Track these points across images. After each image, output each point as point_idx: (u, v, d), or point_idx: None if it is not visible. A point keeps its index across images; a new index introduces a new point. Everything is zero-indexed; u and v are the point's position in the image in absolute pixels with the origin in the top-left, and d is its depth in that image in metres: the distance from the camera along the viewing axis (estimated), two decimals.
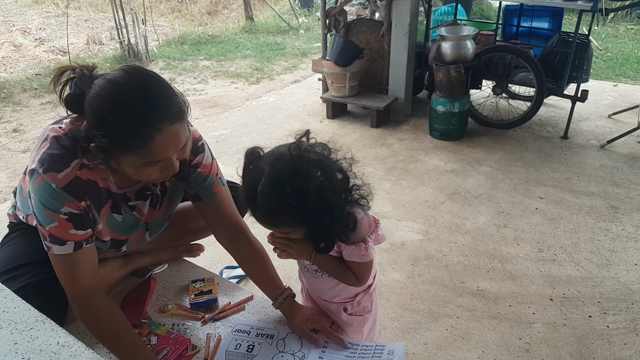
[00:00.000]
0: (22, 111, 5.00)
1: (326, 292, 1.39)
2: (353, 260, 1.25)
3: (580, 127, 4.29)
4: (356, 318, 1.42)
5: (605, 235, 2.77)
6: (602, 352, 1.98)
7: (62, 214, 1.19)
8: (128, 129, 1.08)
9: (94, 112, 1.10)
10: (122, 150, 1.12)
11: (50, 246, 1.23)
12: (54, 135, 1.20)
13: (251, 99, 5.34)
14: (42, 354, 0.90)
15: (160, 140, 1.10)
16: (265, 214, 1.10)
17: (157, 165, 1.17)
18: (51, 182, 1.16)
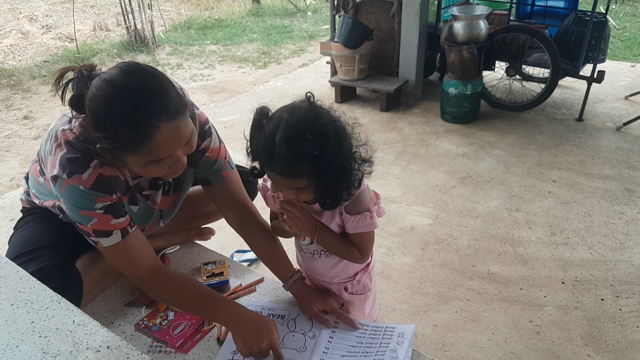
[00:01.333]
0: (31, 98, 5.03)
1: (325, 274, 1.39)
2: (358, 231, 1.24)
3: (596, 109, 4.23)
4: (357, 297, 1.43)
5: (619, 219, 2.74)
6: (614, 334, 1.97)
7: (98, 209, 1.21)
8: (125, 129, 1.07)
9: (92, 114, 1.10)
10: (124, 150, 1.12)
11: (97, 241, 1.24)
12: (67, 140, 1.20)
13: (258, 83, 5.32)
14: (58, 332, 0.92)
15: (160, 138, 1.09)
16: (284, 164, 1.07)
17: (162, 163, 1.16)
18: (78, 184, 1.17)
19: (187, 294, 1.30)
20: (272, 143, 1.05)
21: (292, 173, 1.09)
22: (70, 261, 1.41)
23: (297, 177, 1.09)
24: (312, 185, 1.13)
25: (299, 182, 1.11)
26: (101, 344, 0.89)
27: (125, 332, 1.34)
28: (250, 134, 1.15)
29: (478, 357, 1.88)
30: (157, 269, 1.31)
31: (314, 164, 1.07)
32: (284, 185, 1.15)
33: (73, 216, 1.22)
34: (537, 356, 1.88)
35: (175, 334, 1.32)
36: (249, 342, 1.21)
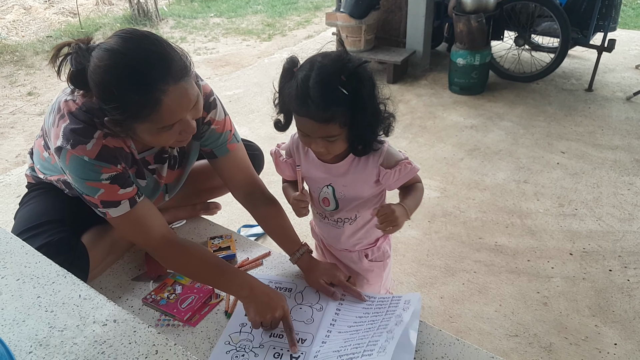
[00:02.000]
0: (35, 74, 5.00)
1: (348, 241, 1.38)
2: (403, 182, 1.24)
3: (606, 79, 4.15)
4: (377, 264, 1.43)
5: (628, 190, 2.71)
6: (622, 305, 1.96)
7: (104, 180, 1.19)
8: (134, 96, 1.05)
9: (97, 86, 1.07)
10: (135, 119, 1.10)
11: (105, 212, 1.23)
12: (69, 111, 1.18)
13: (263, 56, 5.25)
14: (64, 307, 0.92)
15: (168, 102, 1.07)
16: (318, 108, 1.04)
17: (173, 128, 1.14)
18: (82, 155, 1.16)
19: (201, 264, 1.29)
20: (306, 87, 1.04)
21: (326, 117, 1.06)
22: (76, 236, 1.41)
23: (331, 122, 1.07)
24: (343, 134, 1.11)
25: (331, 128, 1.08)
26: (108, 317, 0.89)
27: (133, 306, 1.35)
28: (280, 84, 1.14)
29: (485, 328, 1.88)
30: (170, 238, 1.30)
31: (348, 106, 1.06)
32: (316, 134, 1.11)
33: (79, 188, 1.21)
34: (544, 327, 1.88)
35: (183, 308, 1.33)
36: (262, 312, 1.21)
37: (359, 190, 1.27)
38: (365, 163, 1.23)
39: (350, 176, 1.25)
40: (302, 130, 1.14)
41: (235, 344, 1.21)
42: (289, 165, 1.36)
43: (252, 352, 1.19)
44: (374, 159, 1.22)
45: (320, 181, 1.30)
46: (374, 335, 1.12)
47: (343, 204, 1.30)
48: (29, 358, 0.81)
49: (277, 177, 1.43)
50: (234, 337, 1.23)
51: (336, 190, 1.29)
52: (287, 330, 1.22)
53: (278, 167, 1.40)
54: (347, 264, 1.46)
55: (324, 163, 1.26)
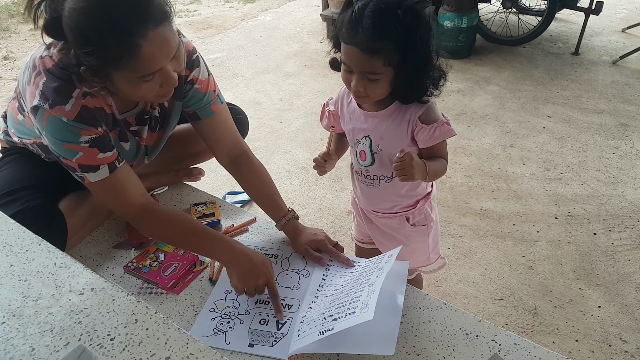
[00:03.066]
0: (10, 38, 4.81)
1: (385, 201, 1.35)
2: (437, 141, 1.19)
3: (592, 42, 4.11)
4: (420, 229, 1.39)
5: (613, 153, 2.71)
6: (606, 268, 1.98)
7: (83, 143, 1.14)
8: (111, 39, 0.99)
9: (73, 30, 1.01)
10: (112, 66, 1.04)
11: (83, 176, 1.18)
12: (45, 67, 1.12)
13: (247, 18, 5.11)
14: (39, 275, 0.88)
15: (148, 47, 1.01)
16: (367, 36, 1.02)
17: (153, 79, 1.08)
18: (61, 116, 1.10)
19: (181, 230, 1.26)
20: (360, 15, 1.02)
21: (373, 48, 1.03)
22: (53, 202, 1.35)
23: (376, 55, 1.04)
24: (386, 75, 1.08)
25: (375, 63, 1.05)
26: (85, 286, 0.85)
27: (115, 275, 1.31)
28: (339, 16, 1.10)
29: (470, 292, 1.89)
30: (148, 205, 1.26)
31: (398, 45, 1.03)
32: (359, 67, 1.08)
33: (56, 150, 1.16)
34: (529, 290, 1.89)
35: (166, 275, 1.30)
36: (245, 277, 1.18)
37: (395, 145, 1.22)
38: (404, 115, 1.20)
39: (388, 127, 1.22)
40: (346, 62, 1.10)
41: (220, 311, 1.19)
42: (333, 117, 1.35)
43: (237, 319, 1.17)
44: (414, 111, 1.18)
45: (359, 132, 1.27)
46: (357, 291, 1.10)
47: (379, 159, 1.27)
48: (2, 329, 0.77)
49: (263, 144, 1.40)
50: (219, 304, 1.21)
51: (373, 143, 1.25)
52: (272, 296, 1.19)
53: (322, 118, 1.39)
54: (389, 232, 1.42)
55: (364, 112, 1.24)
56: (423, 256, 1.46)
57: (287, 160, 2.73)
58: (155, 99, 1.18)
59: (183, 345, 0.76)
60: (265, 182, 1.44)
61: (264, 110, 3.31)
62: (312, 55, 4.09)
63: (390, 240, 1.43)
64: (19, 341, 0.76)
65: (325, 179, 2.55)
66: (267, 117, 3.21)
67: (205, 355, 0.74)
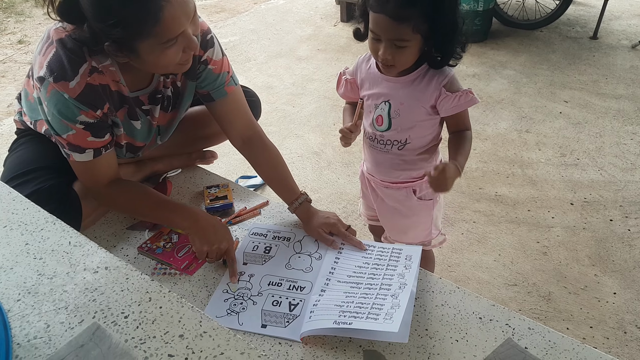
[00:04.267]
0: (25, 22, 4.83)
1: (394, 170, 1.37)
2: (461, 109, 1.22)
3: (611, 26, 4.02)
4: (426, 202, 1.42)
5: (631, 139, 2.66)
6: (622, 254, 1.96)
7: (79, 123, 1.16)
8: (134, 5, 0.99)
9: (94, 4, 1.00)
10: (138, 34, 1.04)
11: (69, 154, 1.22)
12: (59, 38, 1.12)
13: (260, 2, 5.06)
14: (54, 254, 0.88)
15: (170, 9, 1.01)
16: (397, 3, 1.06)
17: (177, 44, 1.08)
18: (63, 92, 1.11)
19: (141, 201, 1.32)
20: None
21: (402, 15, 1.06)
22: (68, 183, 1.36)
23: (406, 22, 1.07)
24: (415, 42, 1.11)
25: (405, 30, 1.08)
26: (99, 264, 0.86)
27: (129, 255, 1.32)
28: None
29: (484, 277, 1.88)
30: (114, 180, 1.32)
31: (427, 10, 1.06)
32: (388, 34, 1.11)
33: (53, 122, 1.18)
34: (543, 276, 1.88)
35: (179, 256, 1.30)
36: (210, 239, 1.24)
37: (414, 111, 1.26)
38: (428, 82, 1.22)
39: (410, 93, 1.24)
40: (375, 30, 1.13)
41: (233, 292, 1.19)
42: (350, 85, 1.38)
43: (250, 300, 1.17)
44: (438, 80, 1.21)
45: (378, 97, 1.29)
46: (377, 296, 1.09)
47: (396, 124, 1.29)
48: (17, 306, 0.78)
49: (275, 128, 1.38)
50: (232, 285, 1.21)
51: (392, 108, 1.27)
52: (230, 260, 1.25)
53: (339, 86, 1.42)
54: (394, 206, 1.44)
55: (385, 78, 1.26)
56: (425, 231, 1.48)
57: (299, 144, 2.72)
58: (177, 67, 1.18)
59: (196, 324, 0.76)
60: (278, 164, 1.44)
61: (276, 95, 3.29)
62: (326, 39, 4.05)
63: (394, 215, 1.46)
64: (34, 318, 0.77)
65: (337, 164, 2.54)
66: (279, 102, 3.20)
67: (218, 334, 0.74)
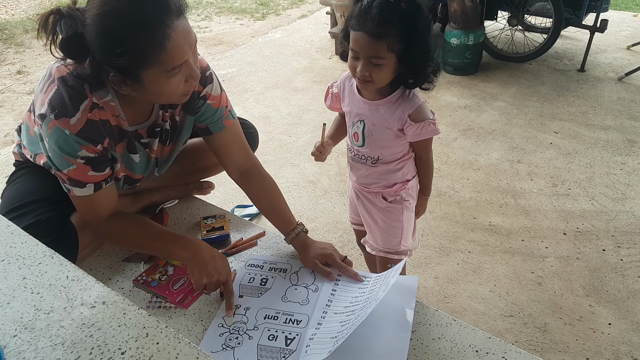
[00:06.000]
0: (25, 52, 4.89)
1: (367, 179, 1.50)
2: (422, 138, 1.35)
3: (598, 59, 4.13)
4: (395, 206, 1.51)
5: (621, 169, 2.70)
6: (616, 284, 1.97)
7: (80, 158, 1.18)
8: (142, 34, 1.02)
9: (101, 35, 1.03)
10: (144, 63, 1.06)
11: (70, 188, 1.23)
12: (60, 76, 1.14)
13: (257, 35, 5.17)
14: (51, 288, 0.88)
15: (175, 38, 1.05)
16: (373, 22, 1.16)
17: (180, 73, 1.11)
18: (64, 128, 1.13)
19: (141, 234, 1.31)
20: (369, 6, 1.17)
21: (379, 33, 1.17)
22: (65, 215, 1.37)
23: (382, 40, 1.17)
24: (390, 61, 1.21)
25: (381, 47, 1.18)
26: (96, 299, 0.86)
27: (124, 288, 1.32)
28: (350, 11, 1.25)
29: (480, 308, 1.88)
30: (113, 214, 1.32)
31: (402, 31, 1.17)
32: (365, 51, 1.20)
33: (54, 158, 1.18)
34: (538, 307, 1.88)
35: (175, 289, 1.30)
36: (207, 273, 1.22)
37: (384, 132, 1.37)
38: (397, 109, 1.33)
39: (381, 116, 1.35)
40: (354, 48, 1.23)
41: (228, 326, 1.19)
42: (335, 98, 1.49)
43: (246, 334, 1.16)
44: (406, 108, 1.32)
45: (355, 116, 1.41)
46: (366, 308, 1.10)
47: (368, 142, 1.41)
48: (14, 342, 0.78)
49: (272, 157, 1.40)
50: (228, 319, 1.21)
51: (366, 127, 1.39)
52: (228, 293, 1.25)
53: (326, 98, 1.53)
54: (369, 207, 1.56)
55: (363, 99, 1.38)
56: (395, 239, 1.55)
57: (295, 173, 2.74)
58: (180, 97, 1.20)
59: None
60: (274, 195, 1.45)
61: (273, 125, 3.33)
62: (321, 71, 4.12)
63: (369, 215, 1.57)
64: (30, 354, 0.76)
65: (333, 193, 2.56)
66: (276, 131, 3.23)
67: None
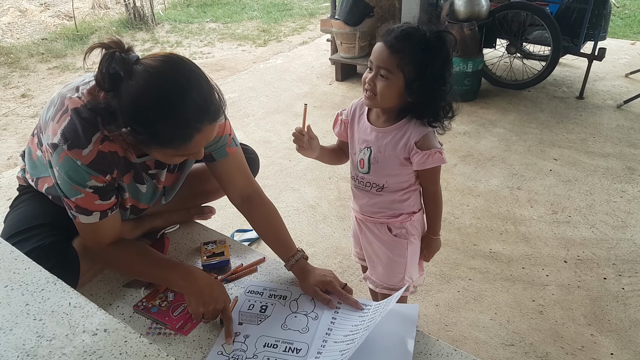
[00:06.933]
0: (29, 76, 4.95)
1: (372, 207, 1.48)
2: (427, 167, 1.33)
3: (596, 87, 4.18)
4: (400, 240, 1.50)
5: (621, 197, 2.72)
6: (617, 314, 1.96)
7: (88, 187, 1.20)
8: (170, 128, 1.08)
9: (135, 104, 1.07)
10: (160, 144, 1.13)
11: (76, 215, 1.25)
12: (74, 107, 1.17)
13: (258, 61, 5.24)
14: (53, 315, 0.89)
15: (199, 137, 1.13)
16: (394, 35, 1.22)
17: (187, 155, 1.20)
18: (76, 159, 1.16)
19: (139, 261, 1.34)
20: (400, 26, 1.25)
21: (393, 46, 1.22)
22: (67, 240, 1.38)
23: (394, 53, 1.22)
24: (397, 78, 1.23)
25: (391, 61, 1.23)
26: (98, 327, 0.86)
27: (124, 314, 1.32)
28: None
29: (481, 337, 1.87)
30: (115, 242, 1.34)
31: (417, 55, 1.21)
32: (379, 60, 1.25)
33: (63, 186, 1.21)
34: (540, 335, 1.87)
35: (174, 316, 1.30)
36: (205, 302, 1.24)
37: (391, 160, 1.37)
38: (403, 136, 1.33)
39: (387, 144, 1.36)
40: (371, 57, 1.29)
41: (228, 354, 1.18)
42: (344, 125, 1.50)
43: None
44: (413, 135, 1.32)
45: (362, 142, 1.42)
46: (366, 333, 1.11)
47: (374, 169, 1.41)
48: None
49: (272, 182, 1.41)
50: (227, 347, 1.20)
51: (372, 154, 1.39)
52: (227, 320, 1.25)
53: (335, 125, 1.54)
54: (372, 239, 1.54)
55: (371, 126, 1.39)
56: (398, 275, 1.53)
57: (295, 198, 2.75)
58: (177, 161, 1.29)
59: None
60: (275, 221, 1.47)
61: (273, 149, 3.36)
62: (321, 97, 4.17)
63: (375, 249, 1.55)
64: None
65: (333, 218, 2.56)
66: (276, 156, 3.25)
67: None
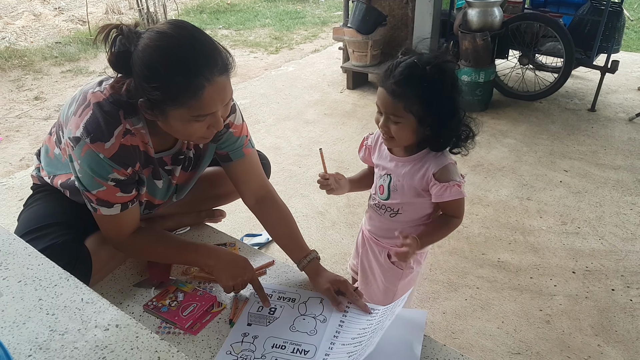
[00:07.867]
0: (42, 79, 5.03)
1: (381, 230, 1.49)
2: (445, 199, 1.31)
3: (609, 99, 4.16)
4: (395, 270, 1.51)
5: (631, 209, 2.70)
6: (625, 325, 1.95)
7: (110, 180, 1.23)
8: (180, 78, 1.08)
9: (144, 64, 1.10)
10: (173, 102, 1.12)
11: (97, 208, 1.27)
12: (96, 101, 1.20)
13: (270, 68, 5.28)
14: (66, 310, 0.91)
15: (210, 91, 1.11)
16: (394, 81, 1.20)
17: (205, 120, 1.17)
18: (99, 152, 1.18)
19: (164, 248, 1.39)
20: (395, 67, 1.22)
21: (395, 92, 1.20)
22: (80, 239, 1.40)
23: (398, 99, 1.20)
24: (408, 121, 1.23)
25: (397, 106, 1.21)
26: (110, 322, 0.88)
27: (134, 313, 1.34)
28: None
29: (487, 345, 1.86)
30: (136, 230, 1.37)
31: (422, 93, 1.18)
32: (385, 107, 1.25)
33: (84, 179, 1.23)
34: (546, 345, 1.86)
35: (184, 315, 1.32)
36: (234, 273, 1.32)
37: (409, 189, 1.37)
38: (422, 167, 1.33)
39: (406, 174, 1.36)
40: (377, 102, 1.28)
41: (236, 353, 1.20)
42: (368, 151, 1.52)
43: None
44: (432, 166, 1.31)
45: (382, 169, 1.44)
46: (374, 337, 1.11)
47: (393, 196, 1.42)
48: None
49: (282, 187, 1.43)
50: (236, 346, 1.22)
51: (392, 182, 1.40)
52: (257, 288, 1.35)
53: (360, 150, 1.55)
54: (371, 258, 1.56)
55: (390, 155, 1.41)
56: (388, 299, 1.54)
57: (304, 204, 2.77)
58: (198, 139, 1.27)
59: None
60: (288, 222, 1.49)
61: (283, 155, 3.38)
62: (332, 105, 4.20)
63: (372, 268, 1.58)
64: None
65: (342, 224, 2.58)
66: (286, 162, 3.28)
67: None
